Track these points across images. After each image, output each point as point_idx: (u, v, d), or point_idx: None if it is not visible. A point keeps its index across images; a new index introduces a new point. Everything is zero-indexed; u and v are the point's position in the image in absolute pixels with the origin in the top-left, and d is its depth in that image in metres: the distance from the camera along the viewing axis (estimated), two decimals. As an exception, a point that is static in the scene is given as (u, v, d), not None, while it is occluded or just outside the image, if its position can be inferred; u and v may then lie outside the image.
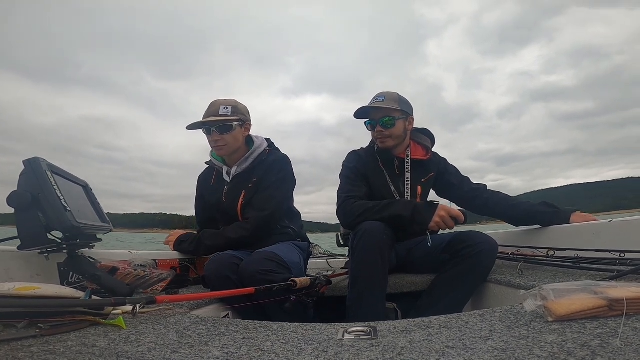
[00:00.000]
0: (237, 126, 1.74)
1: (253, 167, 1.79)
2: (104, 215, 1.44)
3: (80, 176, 1.39)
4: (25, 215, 1.09)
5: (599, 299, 0.72)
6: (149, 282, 1.37)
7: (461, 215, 1.48)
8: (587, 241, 1.47)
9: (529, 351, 0.59)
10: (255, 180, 1.76)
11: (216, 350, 0.70)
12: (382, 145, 1.78)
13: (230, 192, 1.79)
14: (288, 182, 1.83)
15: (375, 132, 1.79)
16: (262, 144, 1.85)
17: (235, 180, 1.79)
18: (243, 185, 1.77)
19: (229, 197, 1.78)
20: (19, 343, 0.71)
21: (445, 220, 1.47)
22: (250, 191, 1.75)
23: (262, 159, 1.80)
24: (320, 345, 0.71)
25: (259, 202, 1.72)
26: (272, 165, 1.79)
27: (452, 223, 1.48)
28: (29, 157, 1.12)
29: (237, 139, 1.76)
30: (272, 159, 1.81)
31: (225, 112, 1.72)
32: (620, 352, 0.55)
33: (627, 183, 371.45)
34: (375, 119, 1.76)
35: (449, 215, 1.48)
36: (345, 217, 1.64)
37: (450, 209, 1.50)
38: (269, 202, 1.72)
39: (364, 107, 1.76)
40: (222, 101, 1.76)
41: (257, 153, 1.81)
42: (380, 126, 1.74)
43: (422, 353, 0.63)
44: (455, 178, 1.92)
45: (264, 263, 1.39)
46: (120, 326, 0.84)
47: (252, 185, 1.75)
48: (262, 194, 1.74)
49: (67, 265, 1.21)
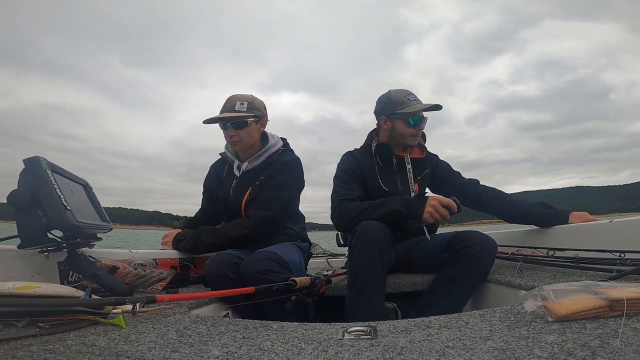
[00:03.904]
0: (253, 122, 1.74)
1: (264, 165, 1.79)
2: (104, 214, 1.44)
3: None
4: (25, 214, 1.09)
5: (599, 299, 0.72)
6: (149, 281, 1.36)
7: (453, 202, 1.47)
8: (587, 241, 1.47)
9: (529, 351, 0.59)
10: (263, 178, 1.76)
11: (216, 350, 0.70)
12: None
13: (238, 187, 1.79)
14: (295, 184, 1.82)
15: (416, 129, 1.77)
16: (277, 143, 1.85)
17: (244, 176, 1.79)
18: (251, 181, 1.77)
19: (236, 191, 1.78)
20: (19, 342, 0.71)
21: (437, 209, 1.46)
22: (257, 188, 1.75)
23: (274, 158, 1.80)
24: (320, 345, 0.71)
25: (262, 200, 1.72)
26: (282, 166, 1.78)
27: (445, 211, 1.47)
28: (29, 156, 1.12)
29: (252, 135, 1.76)
30: (284, 160, 1.81)
31: (241, 108, 1.72)
32: (621, 352, 0.55)
33: (576, 191, 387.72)
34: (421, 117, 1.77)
35: (440, 204, 1.46)
36: (341, 220, 1.64)
37: (440, 198, 1.49)
38: (272, 202, 1.71)
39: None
40: (238, 96, 1.76)
41: (270, 152, 1.80)
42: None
43: (422, 353, 0.63)
44: (446, 172, 1.93)
45: (264, 263, 1.39)
46: (120, 325, 0.84)
47: (259, 182, 1.75)
48: (267, 192, 1.73)
49: (67, 264, 1.21)
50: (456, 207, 1.47)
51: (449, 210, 1.47)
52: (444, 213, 1.46)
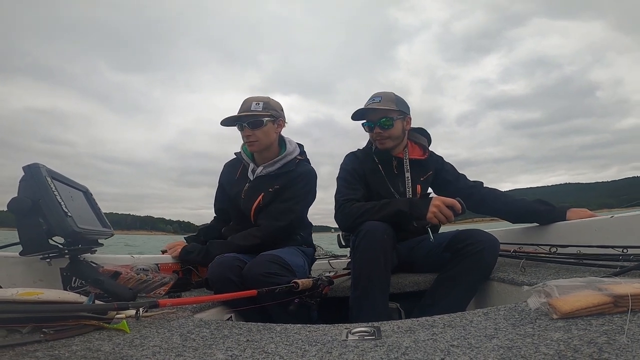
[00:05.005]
0: (269, 122, 1.73)
1: (279, 173, 1.77)
2: (105, 220, 1.44)
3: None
4: (26, 221, 1.09)
5: (603, 295, 0.72)
6: (152, 286, 1.37)
7: (456, 203, 1.46)
8: (589, 237, 1.47)
9: (535, 349, 0.59)
10: (278, 187, 1.74)
11: (220, 353, 0.69)
12: (382, 146, 1.78)
13: (250, 190, 1.77)
14: (309, 197, 1.82)
15: (373, 134, 1.78)
16: (294, 151, 1.84)
17: (257, 180, 1.78)
18: (263, 187, 1.75)
19: (247, 195, 1.77)
20: (24, 348, 0.71)
21: (441, 210, 1.45)
22: (269, 196, 1.73)
23: (290, 167, 1.78)
24: (324, 347, 0.70)
25: (276, 211, 1.71)
26: (298, 177, 1.77)
27: (450, 212, 1.46)
28: (29, 163, 1.12)
29: (269, 135, 1.75)
30: (300, 171, 1.79)
31: (256, 108, 1.72)
32: (628, 348, 0.55)
33: (565, 188, 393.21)
34: (373, 121, 1.75)
35: (444, 205, 1.46)
36: (345, 220, 1.63)
37: (444, 198, 1.48)
38: (287, 214, 1.70)
39: (361, 109, 1.76)
40: (254, 98, 1.76)
41: (286, 159, 1.79)
42: (379, 127, 1.74)
43: (427, 352, 0.63)
44: (451, 175, 1.92)
45: (267, 265, 1.38)
46: (124, 330, 0.84)
47: (272, 190, 1.74)
48: (282, 204, 1.72)
49: (69, 270, 1.21)
50: (460, 208, 1.46)
51: (453, 211, 1.47)
52: (447, 214, 1.46)
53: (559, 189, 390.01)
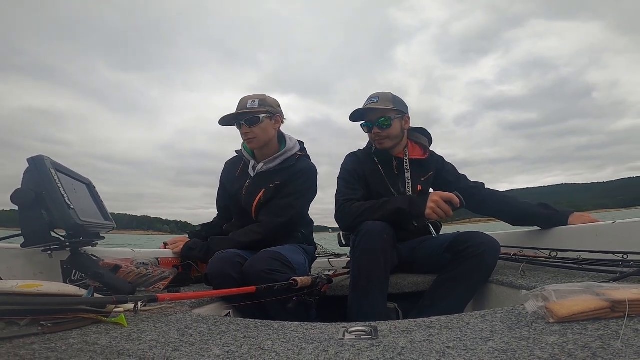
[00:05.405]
0: (266, 118, 1.74)
1: (279, 169, 1.78)
2: (107, 213, 1.44)
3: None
4: (28, 213, 1.10)
5: (601, 300, 0.72)
6: (151, 280, 1.37)
7: (454, 197, 1.45)
8: (590, 242, 1.46)
9: (529, 352, 0.59)
10: (278, 183, 1.75)
11: (217, 349, 0.70)
12: (381, 146, 1.78)
13: (251, 187, 1.78)
14: (310, 193, 1.83)
15: (372, 134, 1.78)
16: (294, 147, 1.85)
17: (258, 177, 1.79)
18: (264, 183, 1.76)
19: (248, 191, 1.78)
20: (21, 340, 0.71)
21: (439, 205, 1.45)
22: (270, 192, 1.74)
23: (290, 163, 1.79)
24: (320, 345, 0.71)
25: (277, 207, 1.72)
26: (299, 173, 1.78)
27: (448, 207, 1.45)
28: (33, 155, 1.13)
29: (267, 131, 1.76)
30: (300, 167, 1.80)
31: (252, 105, 1.73)
32: (621, 353, 0.55)
33: (561, 188, 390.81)
34: (372, 121, 1.75)
35: (442, 199, 1.45)
36: (345, 220, 1.64)
37: (442, 193, 1.47)
38: (287, 210, 1.71)
39: (359, 110, 1.76)
40: (250, 96, 1.78)
41: (286, 155, 1.80)
42: (377, 127, 1.74)
43: (422, 353, 0.63)
44: (452, 176, 1.92)
45: (268, 262, 1.39)
46: (121, 324, 0.84)
47: (273, 186, 1.75)
48: (282, 200, 1.73)
49: (70, 263, 1.22)
50: (459, 202, 1.46)
51: (452, 205, 1.46)
52: (446, 209, 1.45)
53: (555, 189, 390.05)
